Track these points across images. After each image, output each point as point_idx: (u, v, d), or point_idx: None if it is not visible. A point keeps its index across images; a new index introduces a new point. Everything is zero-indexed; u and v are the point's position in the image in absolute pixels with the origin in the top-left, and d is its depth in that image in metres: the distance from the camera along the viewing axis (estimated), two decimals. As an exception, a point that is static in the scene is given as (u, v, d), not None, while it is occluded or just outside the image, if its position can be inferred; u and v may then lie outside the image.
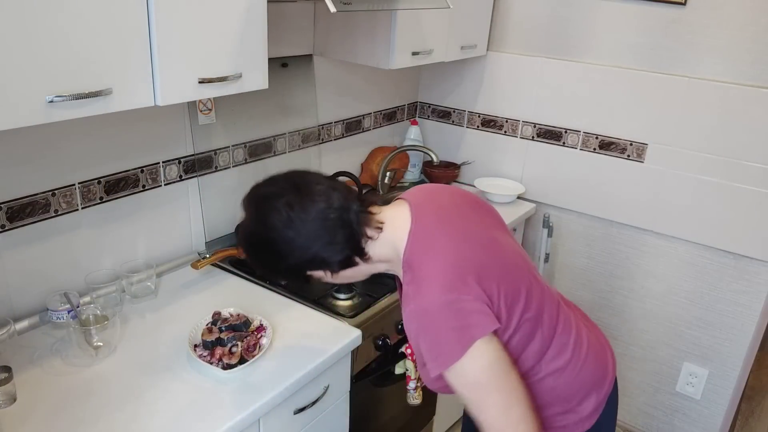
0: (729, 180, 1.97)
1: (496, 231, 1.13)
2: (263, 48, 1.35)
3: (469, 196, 1.19)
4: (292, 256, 1.03)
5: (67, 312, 1.35)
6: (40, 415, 1.13)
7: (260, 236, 1.05)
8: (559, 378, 1.11)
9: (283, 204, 1.01)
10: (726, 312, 2.10)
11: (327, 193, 1.04)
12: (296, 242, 1.02)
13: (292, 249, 1.02)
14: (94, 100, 1.04)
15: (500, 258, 1.07)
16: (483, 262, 1.03)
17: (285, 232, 1.01)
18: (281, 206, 1.01)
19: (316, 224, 1.01)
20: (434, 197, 1.14)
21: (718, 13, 1.89)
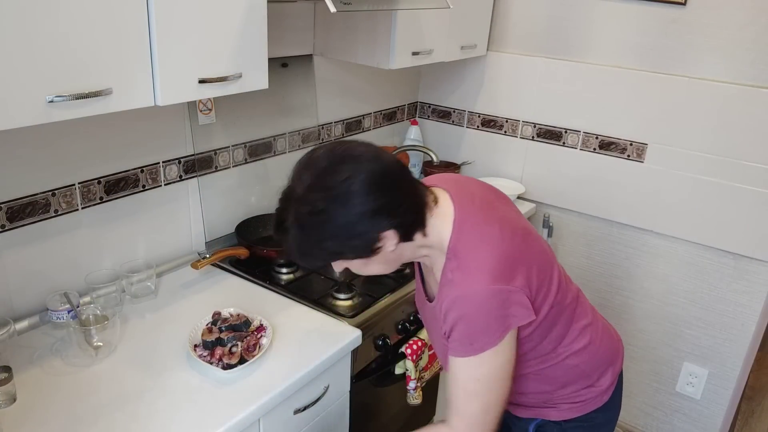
0: (729, 180, 1.97)
1: (523, 220, 1.15)
2: (263, 48, 1.35)
3: (489, 186, 1.20)
4: (349, 225, 0.95)
5: (67, 312, 1.35)
6: (40, 415, 1.13)
7: (323, 198, 0.94)
8: (581, 356, 1.16)
9: (360, 159, 0.96)
10: (726, 312, 2.10)
11: (394, 158, 1.01)
12: (363, 207, 0.94)
13: (352, 215, 0.94)
14: (94, 100, 1.04)
15: (535, 248, 1.09)
16: (525, 253, 1.05)
17: (355, 189, 0.93)
18: (354, 162, 0.95)
19: (390, 185, 0.96)
20: (465, 186, 1.13)
21: (718, 13, 1.89)
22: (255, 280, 1.66)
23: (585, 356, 1.17)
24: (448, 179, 1.16)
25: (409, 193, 1.00)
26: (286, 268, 1.73)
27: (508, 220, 1.09)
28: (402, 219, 0.98)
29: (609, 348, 1.24)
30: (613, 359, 1.24)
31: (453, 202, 1.07)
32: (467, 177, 1.21)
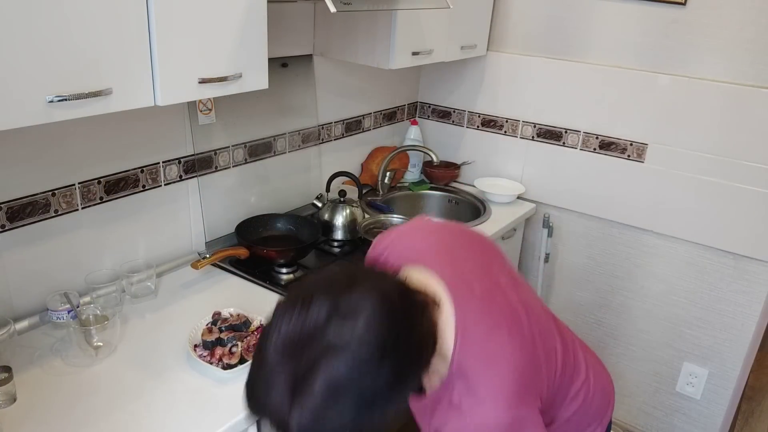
0: (729, 180, 1.97)
1: (520, 286, 0.99)
2: (263, 48, 1.35)
3: (474, 237, 1.03)
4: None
5: (67, 312, 1.35)
6: (40, 415, 1.13)
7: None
8: (572, 421, 1.06)
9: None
10: (726, 312, 2.10)
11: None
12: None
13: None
14: (94, 100, 1.04)
15: (540, 334, 0.93)
16: (538, 355, 0.90)
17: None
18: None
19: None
20: (458, 264, 0.94)
21: (718, 13, 1.89)
22: (255, 280, 1.66)
23: (575, 419, 1.06)
24: (438, 253, 0.95)
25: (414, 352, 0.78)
26: (286, 268, 1.73)
27: (509, 303, 0.92)
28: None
29: (601, 399, 1.11)
30: (602, 412, 1.12)
31: (451, 300, 0.87)
32: (452, 234, 1.02)
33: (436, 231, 1.03)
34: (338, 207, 1.95)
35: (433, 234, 1.01)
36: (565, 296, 2.48)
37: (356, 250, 1.88)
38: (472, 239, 1.02)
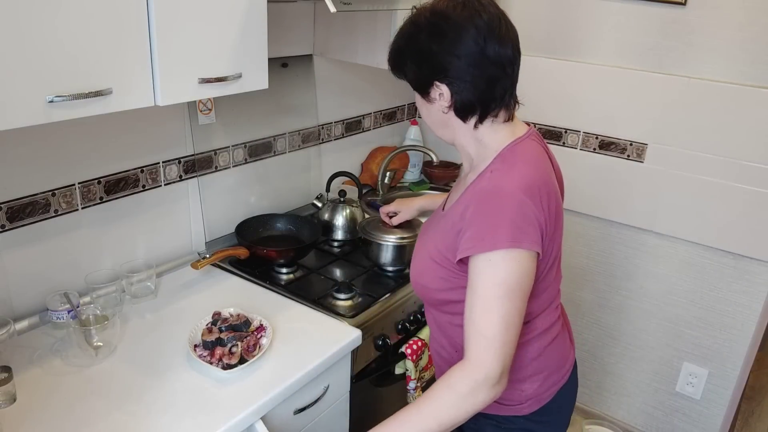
0: (729, 180, 1.97)
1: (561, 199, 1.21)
2: (263, 48, 1.35)
3: (558, 167, 1.24)
4: (461, 46, 1.01)
5: (67, 312, 1.35)
6: (40, 415, 1.13)
7: (449, 15, 1.02)
8: (530, 346, 1.15)
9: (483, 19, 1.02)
10: (726, 312, 2.10)
11: (510, 51, 1.05)
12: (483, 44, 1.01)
13: (467, 42, 1.01)
14: (94, 100, 1.04)
15: (560, 216, 1.11)
16: (556, 205, 1.08)
17: (477, 26, 1.01)
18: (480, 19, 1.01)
19: (479, 61, 1.02)
20: (544, 145, 1.18)
21: (718, 13, 1.89)
22: (255, 280, 1.66)
23: (530, 348, 1.16)
24: (538, 134, 1.18)
25: (488, 80, 1.03)
26: (286, 268, 1.73)
27: (555, 182, 1.13)
28: (462, 92, 1.04)
29: (557, 356, 1.22)
30: (556, 369, 1.21)
31: (527, 132, 1.12)
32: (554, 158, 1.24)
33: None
34: (338, 207, 1.95)
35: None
36: (565, 296, 2.47)
37: (356, 250, 1.88)
38: (558, 172, 1.23)
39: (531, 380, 1.17)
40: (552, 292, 1.18)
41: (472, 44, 1.00)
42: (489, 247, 0.98)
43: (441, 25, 1.02)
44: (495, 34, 1.01)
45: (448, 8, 1.02)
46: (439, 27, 1.02)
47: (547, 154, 1.16)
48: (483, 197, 1.02)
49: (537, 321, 1.16)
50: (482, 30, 1.00)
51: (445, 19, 1.02)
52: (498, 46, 1.01)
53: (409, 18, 1.08)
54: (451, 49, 1.01)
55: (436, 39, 1.02)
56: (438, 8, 1.03)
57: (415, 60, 1.06)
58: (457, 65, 1.02)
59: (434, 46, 1.02)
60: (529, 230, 0.99)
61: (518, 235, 0.98)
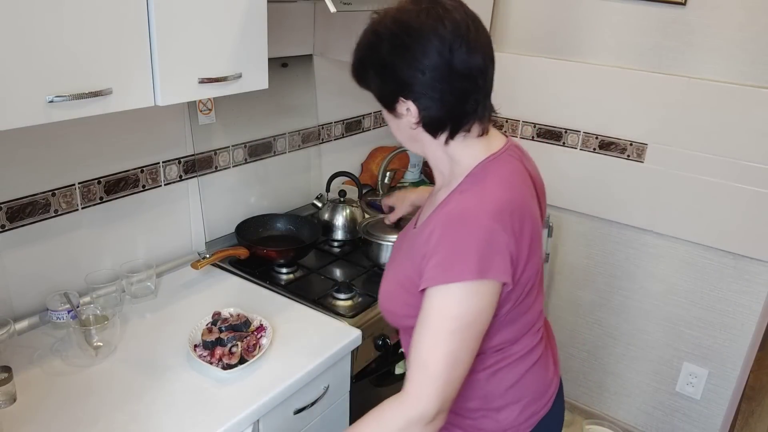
0: (729, 180, 1.97)
1: (540, 216, 1.12)
2: (263, 48, 1.35)
3: (540, 178, 1.16)
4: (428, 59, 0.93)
5: (67, 312, 1.35)
6: (40, 415, 1.13)
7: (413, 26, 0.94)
8: (506, 373, 1.08)
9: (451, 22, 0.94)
10: (726, 312, 2.10)
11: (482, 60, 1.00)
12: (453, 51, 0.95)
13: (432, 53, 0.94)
14: (94, 100, 1.04)
15: (538, 238, 1.04)
16: (532, 228, 1.00)
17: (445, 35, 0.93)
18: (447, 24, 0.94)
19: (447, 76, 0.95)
20: (524, 156, 1.12)
21: (718, 13, 1.89)
22: (255, 280, 1.66)
23: (508, 374, 1.08)
24: (516, 143, 1.14)
25: (457, 94, 0.97)
26: (286, 268, 1.73)
27: (534, 198, 1.07)
28: (430, 108, 0.97)
29: (536, 383, 1.13)
30: (534, 398, 1.12)
31: (504, 146, 1.07)
32: (531, 159, 1.17)
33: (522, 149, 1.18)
34: (338, 207, 1.95)
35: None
36: (565, 296, 2.47)
37: (356, 250, 1.88)
38: (539, 182, 1.16)
39: (508, 409, 1.09)
40: (532, 316, 1.09)
41: (437, 57, 0.93)
42: (451, 278, 0.92)
43: (403, 37, 0.94)
44: (462, 42, 0.93)
45: (411, 16, 0.94)
46: (400, 39, 0.94)
47: (526, 168, 1.09)
48: (449, 223, 0.95)
49: (515, 347, 1.08)
50: (447, 40, 0.92)
51: (407, 30, 0.94)
52: (466, 56, 0.94)
53: (370, 25, 1.00)
54: (414, 64, 0.94)
55: (399, 52, 0.95)
56: (400, 17, 0.95)
57: (378, 73, 1.00)
58: (422, 80, 0.94)
59: (397, 60, 0.95)
60: (496, 259, 0.92)
61: (484, 266, 0.91)
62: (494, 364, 1.07)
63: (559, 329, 2.53)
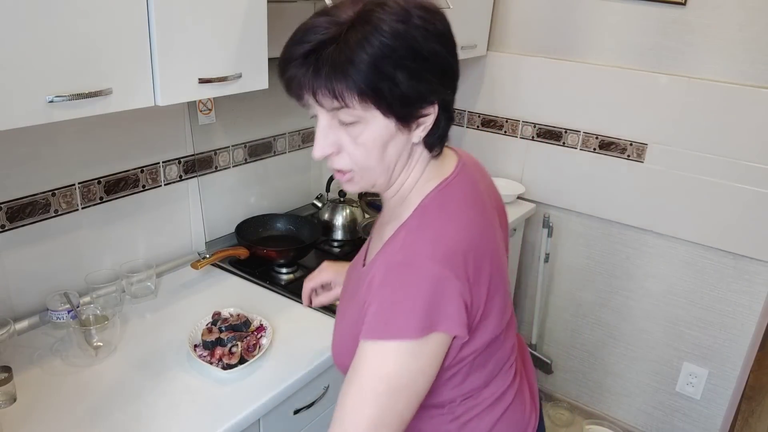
0: (729, 180, 1.97)
1: (503, 243, 1.00)
2: (263, 48, 1.35)
3: (500, 202, 1.05)
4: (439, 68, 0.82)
5: (67, 312, 1.35)
6: (40, 415, 1.13)
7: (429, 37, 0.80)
8: (478, 423, 0.97)
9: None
10: (726, 312, 2.10)
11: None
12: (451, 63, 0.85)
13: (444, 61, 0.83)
14: (94, 100, 1.04)
15: (500, 274, 0.92)
16: (492, 265, 0.89)
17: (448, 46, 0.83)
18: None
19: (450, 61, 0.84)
20: (477, 172, 0.99)
21: (718, 13, 1.89)
22: (255, 280, 1.66)
23: (485, 420, 0.97)
24: (468, 156, 1.01)
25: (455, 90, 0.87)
26: (286, 268, 1.73)
27: (490, 227, 0.93)
28: (448, 110, 0.87)
29: (517, 425, 1.02)
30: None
31: (456, 166, 0.92)
32: (485, 173, 1.05)
33: (480, 166, 1.06)
34: (338, 207, 1.95)
35: (476, 162, 1.05)
36: (565, 296, 2.48)
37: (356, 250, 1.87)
38: (495, 198, 1.04)
39: None
40: (503, 353, 0.98)
41: (455, 43, 0.85)
42: (389, 334, 0.79)
43: (437, 21, 0.82)
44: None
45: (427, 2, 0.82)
46: (437, 24, 0.81)
47: (481, 190, 0.96)
48: (392, 269, 0.82)
49: (485, 391, 0.97)
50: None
51: (436, 14, 0.82)
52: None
53: (393, 9, 0.78)
54: (454, 50, 0.83)
55: (443, 40, 0.82)
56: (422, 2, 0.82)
57: (412, 72, 0.78)
58: (455, 73, 0.85)
59: (441, 48, 0.81)
60: (447, 310, 0.80)
61: (432, 320, 0.80)
62: (464, 413, 0.96)
63: (559, 329, 2.53)
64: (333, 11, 0.80)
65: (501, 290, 0.92)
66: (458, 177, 0.91)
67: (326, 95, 0.78)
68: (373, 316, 0.82)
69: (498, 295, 0.90)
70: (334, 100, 0.77)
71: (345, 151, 0.83)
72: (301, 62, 0.78)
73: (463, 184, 0.91)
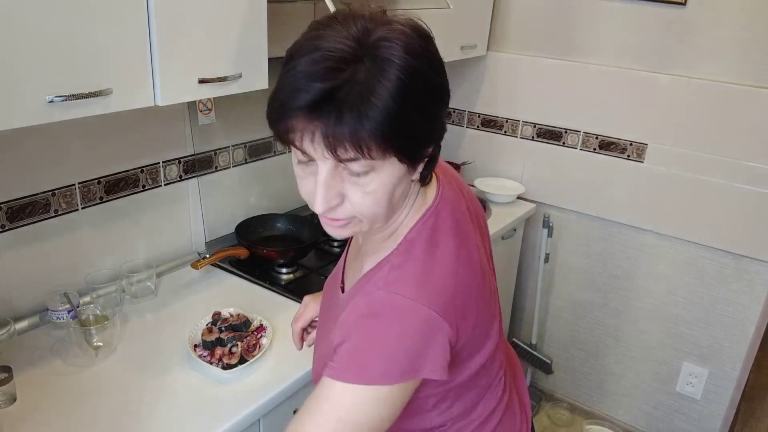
0: (729, 180, 1.97)
1: (487, 259, 0.96)
2: (263, 48, 1.35)
3: (479, 209, 1.00)
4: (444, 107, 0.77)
5: (67, 312, 1.35)
6: (40, 415, 1.13)
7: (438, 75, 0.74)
8: None
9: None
10: (726, 312, 2.10)
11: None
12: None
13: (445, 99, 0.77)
14: (94, 100, 1.04)
15: (487, 303, 0.88)
16: (475, 297, 0.83)
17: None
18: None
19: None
20: (454, 184, 0.93)
21: (718, 13, 1.89)
22: (255, 280, 1.66)
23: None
24: (445, 172, 0.94)
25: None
26: (286, 268, 1.73)
27: (478, 248, 0.89)
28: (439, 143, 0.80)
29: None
30: None
31: (437, 192, 0.86)
32: (465, 187, 1.00)
33: (459, 181, 0.99)
34: (338, 207, 1.95)
35: (456, 176, 0.99)
36: (565, 296, 2.48)
37: (356, 250, 1.88)
38: (478, 213, 0.99)
39: None
40: (491, 374, 0.95)
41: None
42: (363, 379, 0.73)
43: (435, 51, 0.75)
44: None
45: (417, 23, 0.76)
46: (436, 55, 0.75)
47: (462, 209, 0.91)
48: (376, 310, 0.76)
49: (474, 413, 0.93)
50: None
51: (431, 40, 0.75)
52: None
53: (400, 42, 0.70)
54: (447, 83, 0.76)
55: (442, 71, 0.75)
56: (415, 24, 0.75)
57: (428, 114, 0.73)
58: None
59: (444, 81, 0.75)
60: (432, 355, 0.75)
61: (415, 365, 0.74)
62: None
63: (559, 329, 2.53)
64: (325, 39, 0.69)
65: (488, 317, 0.88)
66: (441, 202, 0.85)
67: (347, 146, 0.67)
68: (347, 356, 0.75)
69: (485, 323, 0.87)
70: (354, 150, 0.67)
71: (349, 201, 0.74)
72: (315, 111, 0.67)
73: (446, 210, 0.85)
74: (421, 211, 0.84)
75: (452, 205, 0.87)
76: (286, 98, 0.68)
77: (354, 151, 0.67)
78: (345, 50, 0.67)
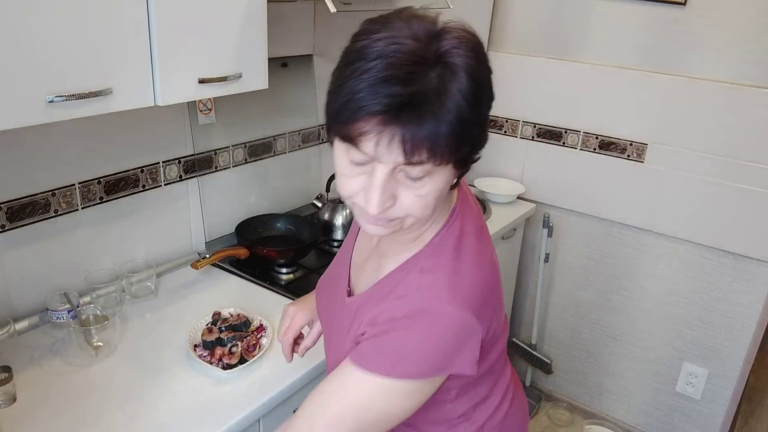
0: (729, 180, 1.97)
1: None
2: (263, 48, 1.35)
3: (479, 206, 1.00)
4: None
5: (67, 312, 1.35)
6: (40, 415, 1.13)
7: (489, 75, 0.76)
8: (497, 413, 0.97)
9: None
10: (726, 312, 2.10)
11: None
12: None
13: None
14: (94, 100, 1.04)
15: (502, 292, 0.91)
16: (497, 294, 0.87)
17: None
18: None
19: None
20: (466, 189, 0.95)
21: (718, 13, 1.89)
22: (255, 280, 1.66)
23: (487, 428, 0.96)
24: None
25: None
26: (286, 268, 1.73)
27: (492, 246, 0.92)
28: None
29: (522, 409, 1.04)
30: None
31: (458, 193, 0.88)
32: (470, 191, 1.01)
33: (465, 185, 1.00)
34: (338, 207, 1.95)
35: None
36: (565, 296, 2.48)
37: (356, 250, 1.88)
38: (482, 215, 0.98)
39: None
40: (503, 357, 0.98)
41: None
42: (397, 374, 0.76)
43: (482, 48, 0.76)
44: None
45: (473, 29, 0.77)
46: (484, 54, 0.76)
47: (476, 209, 0.93)
48: (411, 313, 0.77)
49: (490, 399, 0.96)
50: None
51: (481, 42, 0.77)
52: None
53: (467, 48, 0.72)
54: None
55: (490, 74, 0.77)
56: (473, 30, 0.77)
57: (485, 115, 0.75)
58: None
59: (491, 86, 0.77)
60: (465, 353, 0.78)
61: (447, 362, 0.78)
62: (480, 416, 0.95)
63: (559, 329, 2.53)
64: (394, 42, 0.70)
65: (502, 309, 0.91)
66: (463, 204, 0.87)
67: (424, 151, 0.67)
68: (377, 350, 0.77)
69: (502, 316, 0.90)
70: (429, 155, 0.67)
71: (400, 203, 0.74)
72: (395, 115, 0.66)
73: (467, 211, 0.87)
74: (445, 213, 0.85)
75: (469, 205, 0.90)
76: (364, 101, 0.68)
77: (428, 156, 0.68)
78: (417, 54, 0.68)
